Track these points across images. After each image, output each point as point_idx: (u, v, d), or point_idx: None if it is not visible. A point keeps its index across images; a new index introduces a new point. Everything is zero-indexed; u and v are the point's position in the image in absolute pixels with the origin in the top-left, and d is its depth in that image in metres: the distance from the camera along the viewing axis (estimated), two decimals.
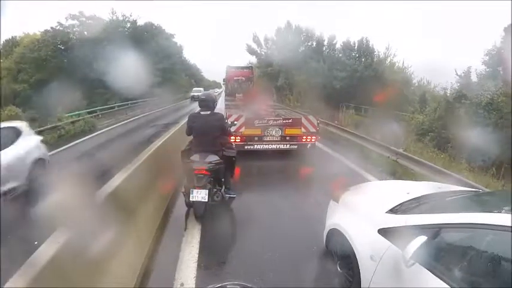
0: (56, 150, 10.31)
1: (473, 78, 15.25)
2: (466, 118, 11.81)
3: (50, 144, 10.83)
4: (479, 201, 2.85)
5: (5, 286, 1.85)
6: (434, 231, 2.22)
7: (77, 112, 17.04)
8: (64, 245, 2.26)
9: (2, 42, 27.73)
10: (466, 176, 6.66)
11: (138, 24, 35.76)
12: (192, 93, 35.17)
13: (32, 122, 12.19)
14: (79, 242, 2.47)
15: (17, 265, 2.01)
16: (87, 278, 2.50)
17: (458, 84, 15.76)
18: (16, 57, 28.73)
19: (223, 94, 20.34)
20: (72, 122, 14.70)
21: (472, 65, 15.36)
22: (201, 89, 35.41)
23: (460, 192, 3.27)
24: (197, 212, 4.49)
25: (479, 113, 11.55)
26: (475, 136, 9.60)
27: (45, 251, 2.16)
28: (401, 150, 8.30)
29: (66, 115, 16.00)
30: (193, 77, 36.97)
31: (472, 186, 5.16)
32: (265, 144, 8.18)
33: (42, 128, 12.03)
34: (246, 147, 7.92)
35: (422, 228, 2.29)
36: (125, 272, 3.08)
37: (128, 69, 25.60)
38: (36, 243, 2.50)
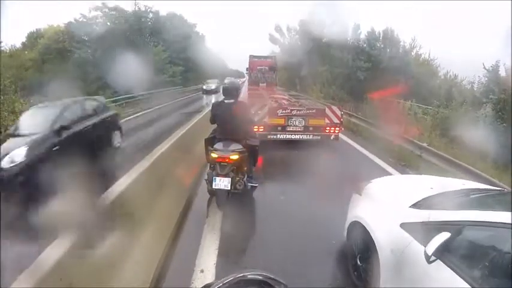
0: None
1: (502, 72, 14.47)
2: (493, 114, 11.39)
3: None
4: (504, 200, 2.79)
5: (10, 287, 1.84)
6: (458, 228, 2.18)
7: None
8: (74, 242, 2.23)
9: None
10: (491, 175, 6.45)
11: (160, 14, 35.65)
12: (204, 86, 30.57)
13: None
14: (90, 237, 2.46)
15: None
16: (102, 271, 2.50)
17: (486, 79, 15.08)
18: (41, 48, 29.15)
19: (246, 83, 20.31)
20: None
21: (501, 59, 14.50)
22: (215, 80, 30.97)
23: (485, 190, 3.20)
24: (219, 199, 4.55)
25: (506, 109, 11.11)
26: (501, 133, 9.26)
27: (50, 255, 2.11)
28: (425, 145, 8.11)
29: None
30: (216, 66, 35.88)
31: (497, 185, 5.02)
32: (288, 134, 8.14)
33: None
34: (269, 136, 7.92)
35: (445, 225, 2.26)
36: (145, 257, 3.16)
37: (150, 59, 25.94)
38: None
